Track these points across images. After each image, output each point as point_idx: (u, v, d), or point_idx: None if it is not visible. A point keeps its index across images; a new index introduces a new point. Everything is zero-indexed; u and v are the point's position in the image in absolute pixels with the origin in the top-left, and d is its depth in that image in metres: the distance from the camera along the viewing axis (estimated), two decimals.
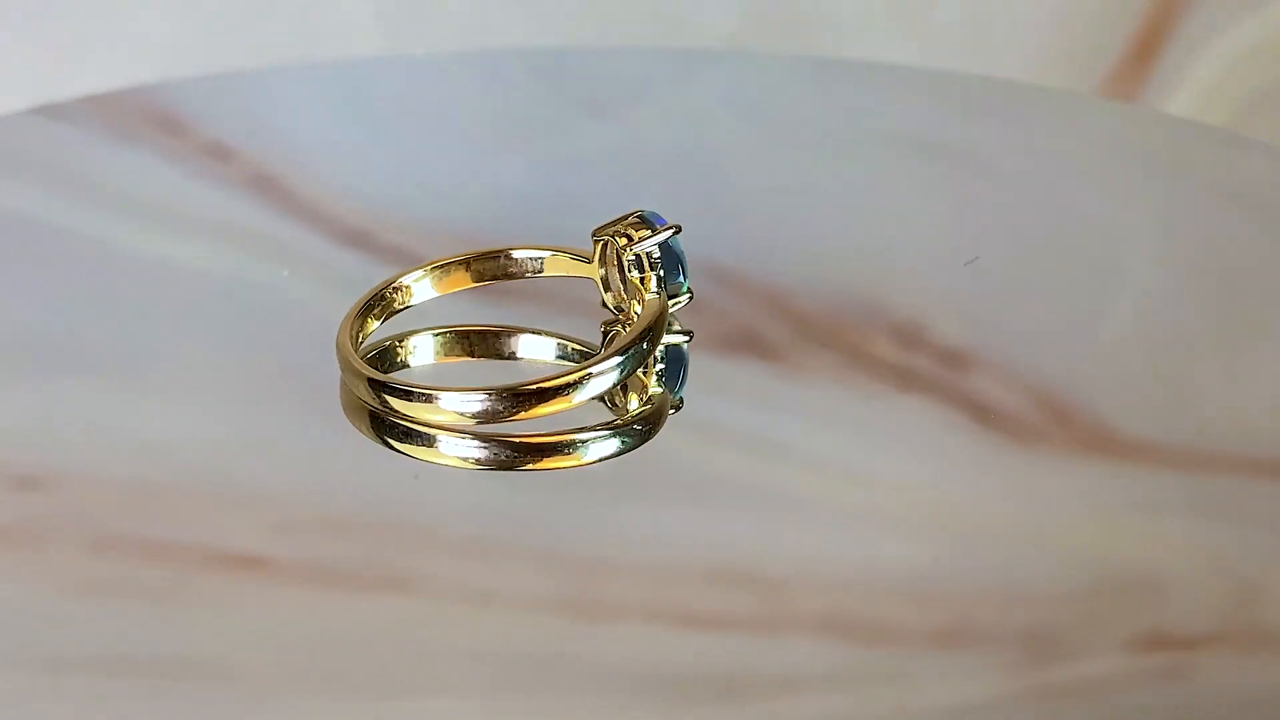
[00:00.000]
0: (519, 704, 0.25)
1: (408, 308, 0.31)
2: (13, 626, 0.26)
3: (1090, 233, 0.37)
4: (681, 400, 0.29)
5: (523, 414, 0.27)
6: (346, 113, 0.42)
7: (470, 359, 0.31)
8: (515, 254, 0.31)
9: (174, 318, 0.33)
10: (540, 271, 0.31)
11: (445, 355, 0.31)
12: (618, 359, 0.28)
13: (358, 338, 0.29)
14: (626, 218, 0.29)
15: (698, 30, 0.58)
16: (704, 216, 0.37)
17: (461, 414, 0.27)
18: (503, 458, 0.27)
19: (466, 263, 0.31)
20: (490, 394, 0.27)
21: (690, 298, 0.29)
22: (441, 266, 0.31)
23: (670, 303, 0.29)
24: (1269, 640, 0.26)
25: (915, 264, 0.35)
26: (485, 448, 0.27)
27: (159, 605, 0.26)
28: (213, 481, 0.28)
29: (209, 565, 0.27)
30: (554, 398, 0.27)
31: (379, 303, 0.30)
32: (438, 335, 0.31)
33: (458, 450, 0.28)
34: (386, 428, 0.28)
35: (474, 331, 0.31)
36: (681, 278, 0.29)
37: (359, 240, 0.35)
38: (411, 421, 0.28)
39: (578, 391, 0.27)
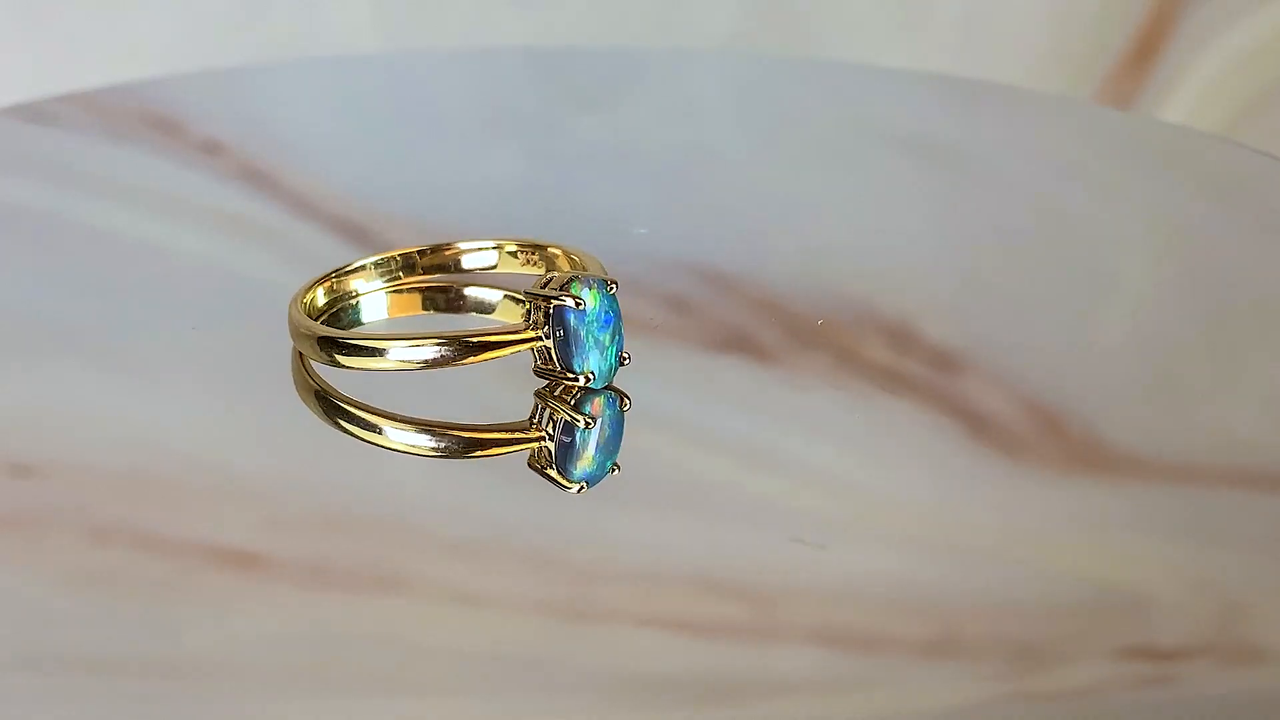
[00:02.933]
0: (509, 706, 0.25)
1: (357, 296, 0.31)
2: (7, 619, 0.26)
3: (1082, 239, 0.37)
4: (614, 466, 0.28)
5: (470, 360, 0.27)
6: (341, 109, 0.42)
7: (420, 313, 0.32)
8: (464, 259, 0.32)
9: (168, 308, 0.33)
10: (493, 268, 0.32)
11: (395, 311, 0.32)
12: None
13: (308, 306, 0.30)
14: (578, 276, 0.27)
15: (696, 30, 0.58)
16: (697, 217, 0.37)
17: (409, 362, 0.27)
18: (452, 448, 0.28)
19: (414, 267, 0.32)
20: (438, 343, 0.27)
21: (587, 381, 0.27)
22: (392, 269, 0.32)
23: (578, 381, 0.27)
24: (1252, 652, 0.26)
25: (908, 267, 0.35)
26: (434, 437, 0.28)
27: (153, 601, 0.26)
28: (208, 473, 0.29)
29: (204, 560, 0.27)
30: (498, 349, 0.27)
31: (331, 276, 0.31)
32: (388, 292, 0.32)
33: (406, 439, 0.28)
34: (337, 410, 0.28)
35: (423, 287, 0.32)
36: (581, 358, 0.27)
37: (352, 233, 0.36)
38: (362, 409, 0.28)
39: (522, 344, 0.27)
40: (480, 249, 0.32)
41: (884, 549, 0.28)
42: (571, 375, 0.27)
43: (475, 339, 0.27)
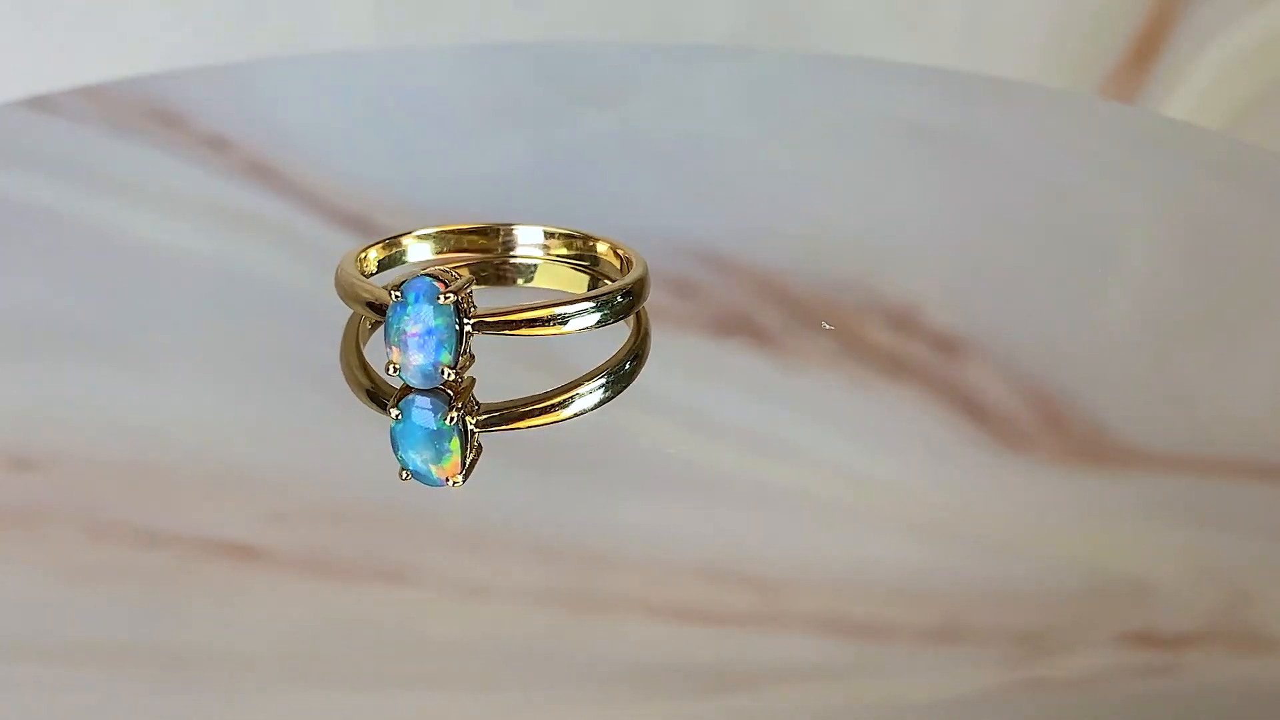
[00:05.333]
0: (515, 697, 0.25)
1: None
2: (9, 613, 0.26)
3: (1086, 228, 0.37)
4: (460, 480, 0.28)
5: (509, 332, 0.27)
6: (346, 103, 0.42)
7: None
8: (511, 261, 0.32)
9: (172, 301, 0.33)
10: (531, 279, 0.32)
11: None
12: (592, 303, 0.28)
13: (360, 267, 0.30)
14: (429, 275, 0.27)
15: (697, 29, 0.58)
16: (699, 201, 0.37)
17: None
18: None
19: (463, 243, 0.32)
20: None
21: (391, 370, 0.27)
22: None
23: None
24: (1257, 641, 0.26)
25: (911, 253, 0.35)
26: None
27: (155, 593, 0.26)
28: (209, 466, 0.28)
29: (205, 553, 0.27)
30: (538, 326, 0.28)
31: (383, 241, 0.31)
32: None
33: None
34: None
35: (470, 264, 0.32)
36: (387, 347, 0.27)
37: (358, 227, 0.36)
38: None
39: (563, 324, 0.28)
40: (529, 241, 0.32)
41: (889, 536, 0.28)
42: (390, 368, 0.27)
43: (516, 316, 0.27)
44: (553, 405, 0.28)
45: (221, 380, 0.31)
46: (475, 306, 0.27)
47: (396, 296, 0.27)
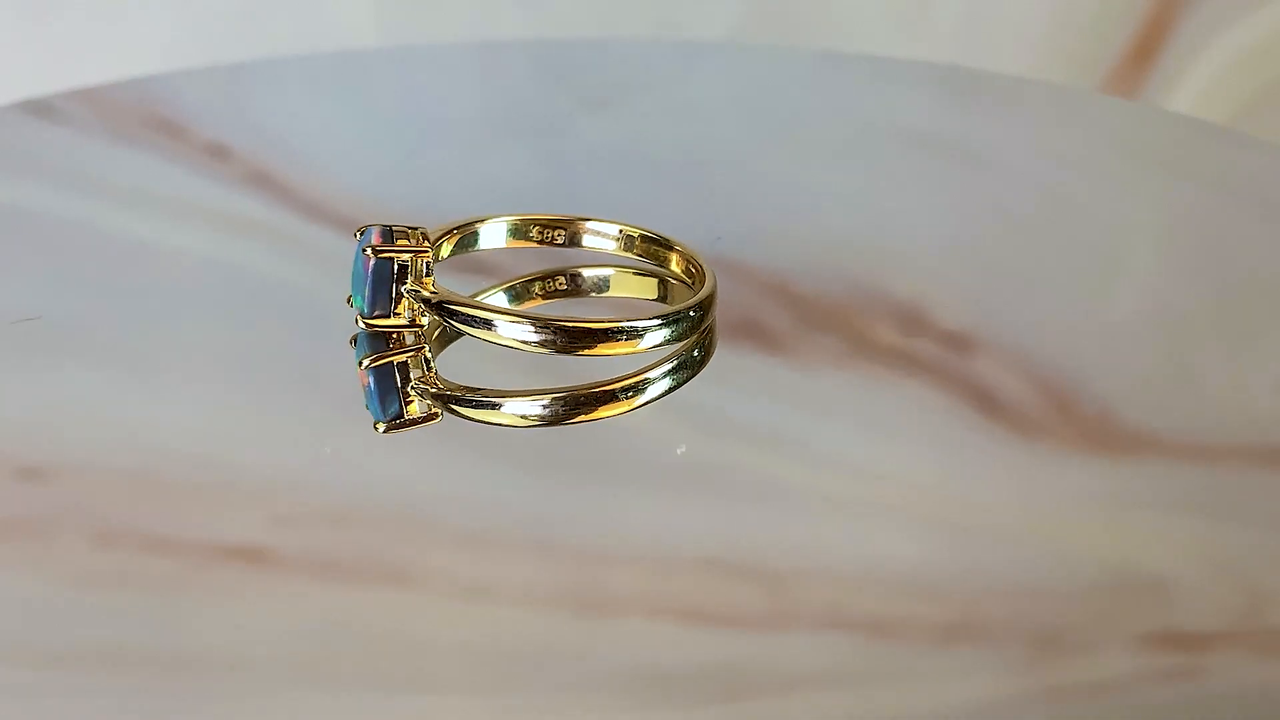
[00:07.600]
0: (519, 700, 0.25)
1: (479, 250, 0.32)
2: (17, 620, 0.26)
3: (1092, 222, 0.37)
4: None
5: (581, 350, 0.27)
6: (346, 106, 0.42)
7: (543, 300, 0.32)
8: (585, 273, 0.33)
9: (176, 309, 0.33)
10: (605, 290, 0.33)
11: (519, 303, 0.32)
12: (663, 319, 0.28)
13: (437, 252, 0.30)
14: (384, 227, 0.28)
15: (698, 26, 0.58)
16: (705, 204, 0.37)
17: (519, 340, 0.27)
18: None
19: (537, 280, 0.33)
20: (546, 329, 0.27)
21: (348, 297, 0.28)
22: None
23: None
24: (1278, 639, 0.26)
25: (916, 249, 0.35)
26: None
27: (162, 598, 0.26)
28: (214, 472, 0.28)
29: (212, 557, 0.27)
30: (605, 340, 0.27)
31: (457, 228, 0.31)
32: (507, 289, 0.32)
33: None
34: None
35: (541, 275, 0.32)
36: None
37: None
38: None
39: (627, 340, 0.28)
40: (602, 233, 0.32)
41: (899, 533, 0.27)
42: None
43: (583, 326, 0.27)
44: (624, 390, 0.28)
45: (225, 387, 0.31)
46: (428, 273, 0.27)
47: (357, 237, 0.28)
